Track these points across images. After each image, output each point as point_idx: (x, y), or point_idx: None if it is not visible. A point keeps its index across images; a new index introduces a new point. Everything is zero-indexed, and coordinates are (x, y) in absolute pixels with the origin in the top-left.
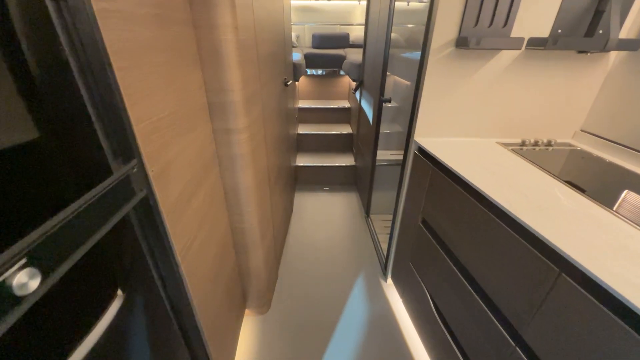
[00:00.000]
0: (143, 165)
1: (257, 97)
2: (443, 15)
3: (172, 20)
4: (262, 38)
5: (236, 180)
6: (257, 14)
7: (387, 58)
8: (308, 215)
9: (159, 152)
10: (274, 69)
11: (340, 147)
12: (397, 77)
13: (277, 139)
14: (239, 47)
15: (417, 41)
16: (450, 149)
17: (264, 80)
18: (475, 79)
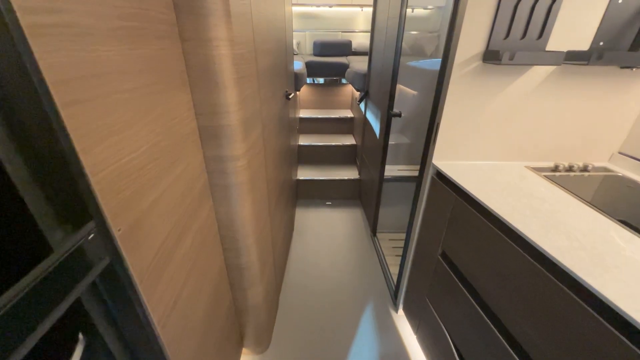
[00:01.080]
0: (105, 225)
1: (257, 117)
2: (469, 26)
3: (153, 34)
4: (262, 50)
5: (232, 212)
6: (256, 24)
7: (397, 69)
8: (310, 234)
9: (130, 202)
10: (275, 83)
11: (343, 159)
12: (405, 87)
13: (278, 158)
14: (235, 62)
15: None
16: (475, 175)
17: (264, 96)
18: (503, 96)
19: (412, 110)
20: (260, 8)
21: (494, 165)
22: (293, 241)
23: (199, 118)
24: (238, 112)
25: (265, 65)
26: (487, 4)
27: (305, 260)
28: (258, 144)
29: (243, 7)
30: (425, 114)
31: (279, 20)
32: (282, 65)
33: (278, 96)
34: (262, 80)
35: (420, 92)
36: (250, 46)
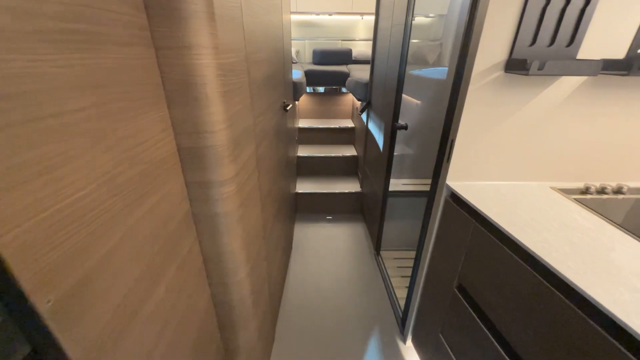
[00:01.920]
0: (24, 298)
1: (249, 134)
2: (490, 32)
3: (114, 40)
4: (256, 59)
5: (219, 245)
6: (249, 30)
7: (403, 79)
8: (310, 252)
9: (69, 260)
10: (271, 94)
11: (344, 171)
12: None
13: (275, 173)
14: (221, 73)
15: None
16: (497, 199)
17: (259, 110)
18: (527, 110)
19: (416, 121)
20: (254, 14)
21: (516, 186)
22: (291, 260)
23: (179, 139)
24: (225, 131)
25: (259, 76)
26: (510, 8)
27: (304, 282)
28: (250, 164)
29: (232, 11)
30: (431, 125)
31: (276, 27)
32: (279, 75)
33: (275, 108)
34: (255, 92)
35: (424, 102)
36: (241, 55)
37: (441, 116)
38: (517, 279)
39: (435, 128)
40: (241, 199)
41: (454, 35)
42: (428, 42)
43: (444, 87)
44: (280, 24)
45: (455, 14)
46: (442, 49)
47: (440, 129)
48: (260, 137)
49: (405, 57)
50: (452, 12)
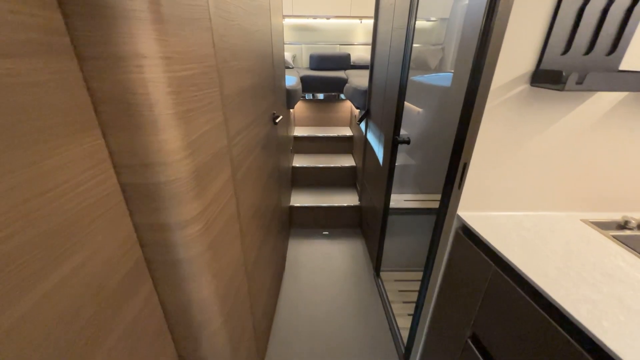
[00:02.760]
0: None
1: (223, 159)
2: (513, 38)
3: (5, 49)
4: (234, 68)
5: (184, 294)
6: (222, 34)
7: (405, 87)
8: (304, 273)
9: None
10: (258, 106)
11: (341, 183)
12: (409, 104)
13: (264, 191)
14: (176, 90)
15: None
16: (519, 235)
17: (239, 126)
18: (556, 129)
19: (418, 131)
20: (229, 15)
21: (542, 218)
22: (284, 281)
23: (121, 174)
24: (185, 161)
25: (239, 88)
26: (539, 8)
27: (297, 307)
28: (225, 193)
29: (192, 11)
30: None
31: (264, 31)
32: (268, 83)
33: (263, 120)
34: (234, 107)
35: (427, 110)
36: (209, 65)
37: (447, 127)
38: (550, 345)
39: (440, 139)
40: (210, 239)
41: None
42: (429, 46)
43: (448, 95)
44: (269, 27)
45: (458, 17)
46: (445, 54)
47: (446, 140)
48: (242, 156)
49: (407, 64)
50: (454, 15)
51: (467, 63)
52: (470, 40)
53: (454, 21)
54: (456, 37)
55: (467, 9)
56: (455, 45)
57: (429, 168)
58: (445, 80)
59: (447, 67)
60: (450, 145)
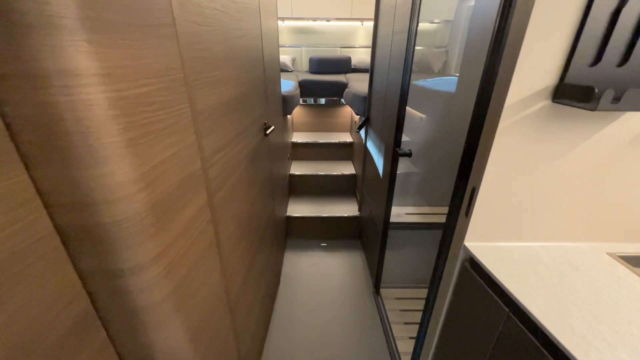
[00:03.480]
0: None
1: (195, 184)
2: (533, 45)
3: None
4: (211, 79)
5: (147, 346)
6: (194, 42)
7: (406, 95)
8: (299, 289)
9: None
10: (244, 118)
11: (341, 191)
12: (412, 109)
13: (253, 207)
14: (124, 111)
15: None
16: (536, 272)
17: (217, 144)
18: (580, 152)
19: (420, 138)
20: (202, 19)
21: (563, 250)
22: (278, 299)
23: (57, 214)
24: (138, 195)
25: (219, 101)
26: (566, 11)
27: (290, 335)
28: (198, 223)
29: (146, 16)
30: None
31: (252, 36)
32: (257, 92)
33: (251, 133)
34: (210, 124)
35: (430, 117)
36: (174, 78)
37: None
38: None
39: (445, 149)
40: (177, 279)
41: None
42: (433, 49)
43: (453, 102)
44: (259, 31)
45: (463, 19)
46: (449, 57)
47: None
48: (224, 175)
49: (409, 69)
50: (459, 17)
51: (472, 67)
52: (477, 43)
53: (459, 23)
54: (461, 40)
55: (473, 10)
56: (460, 48)
57: (433, 179)
58: (449, 85)
59: (452, 70)
60: (455, 156)
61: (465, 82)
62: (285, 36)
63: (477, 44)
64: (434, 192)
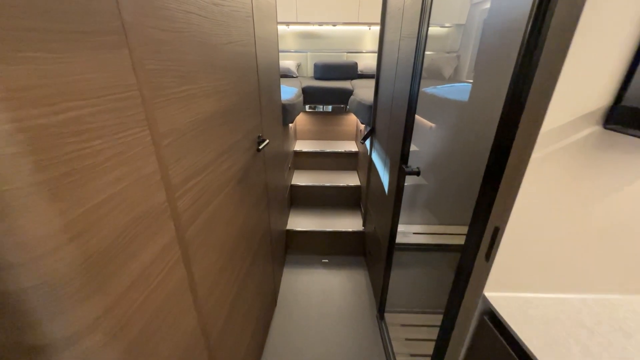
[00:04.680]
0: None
1: (158, 220)
2: (579, 58)
3: None
4: (183, 94)
5: None
6: (159, 51)
7: (414, 107)
8: (297, 311)
9: None
10: (228, 135)
11: (345, 203)
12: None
13: (242, 228)
14: (37, 146)
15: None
16: (577, 339)
17: (191, 169)
18: (636, 190)
19: (429, 149)
20: (177, 26)
21: (607, 305)
22: (273, 321)
23: None
24: (66, 249)
25: (194, 118)
26: (623, 16)
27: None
28: (161, 264)
29: (76, 21)
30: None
31: (243, 43)
32: (249, 103)
33: (240, 149)
34: (181, 146)
35: (441, 126)
36: (124, 97)
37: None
38: None
39: (457, 164)
40: (129, 340)
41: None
42: (443, 54)
43: (466, 112)
44: (251, 37)
45: (475, 22)
46: (460, 62)
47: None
48: (201, 202)
49: (418, 77)
50: (471, 20)
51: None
52: (493, 47)
53: (471, 27)
54: (473, 44)
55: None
56: (472, 53)
57: (444, 195)
58: (461, 93)
59: (463, 76)
60: (469, 172)
61: (480, 91)
62: (290, 41)
63: (493, 48)
64: (444, 209)
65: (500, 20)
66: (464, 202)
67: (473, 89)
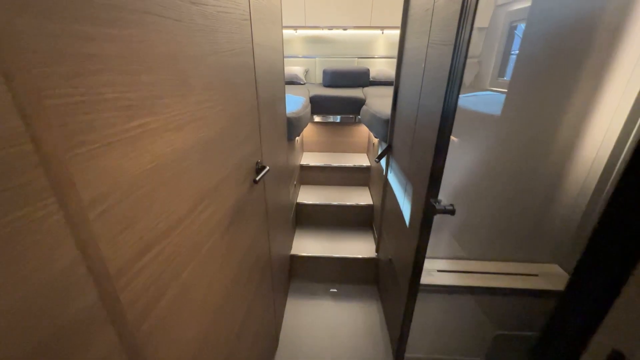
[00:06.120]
0: None
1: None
2: None
3: None
4: (123, 137)
5: None
6: (71, 75)
7: (449, 129)
8: (300, 353)
9: None
10: (208, 175)
11: (356, 223)
12: None
13: (234, 279)
14: None
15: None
16: None
17: (146, 238)
18: None
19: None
20: (116, 30)
21: None
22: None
23: None
24: None
25: (152, 165)
26: None
27: None
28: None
29: None
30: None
31: (235, 52)
32: (243, 125)
33: (230, 185)
34: (129, 208)
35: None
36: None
37: (501, 175)
38: None
39: (491, 189)
40: None
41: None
42: None
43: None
44: (248, 43)
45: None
46: (482, 68)
47: (499, 193)
48: (169, 274)
49: (454, 94)
50: (495, 24)
51: (530, 87)
52: (543, 52)
53: (495, 31)
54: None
55: (529, 12)
56: (496, 59)
57: (473, 225)
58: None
59: (486, 84)
60: (507, 200)
61: (519, 105)
62: (297, 46)
63: (544, 53)
64: (475, 242)
65: (555, 20)
66: (499, 234)
67: (508, 102)
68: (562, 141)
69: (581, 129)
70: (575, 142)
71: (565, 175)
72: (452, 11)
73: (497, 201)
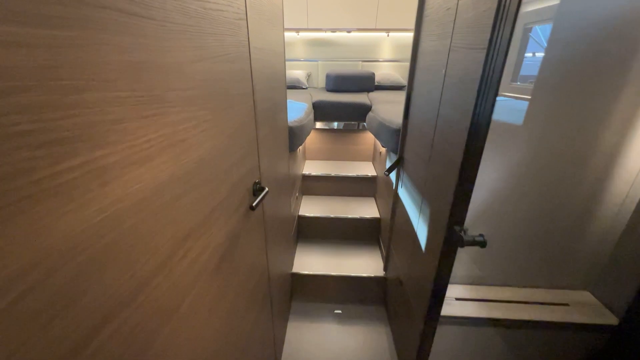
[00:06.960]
0: None
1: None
2: None
3: None
4: (84, 170)
5: None
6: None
7: (479, 148)
8: None
9: None
10: (197, 206)
11: (361, 238)
12: None
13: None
14: None
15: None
16: None
17: (116, 296)
18: None
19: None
20: (47, 30)
21: None
22: None
23: None
24: None
25: (114, 211)
26: None
27: None
28: None
29: None
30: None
31: (228, 57)
32: (238, 143)
33: (223, 214)
34: (75, 277)
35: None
36: None
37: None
38: None
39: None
40: None
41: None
42: None
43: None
44: (245, 47)
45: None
46: None
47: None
48: (141, 340)
49: (488, 106)
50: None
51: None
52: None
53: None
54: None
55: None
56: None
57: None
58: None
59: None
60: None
61: (546, 113)
62: (299, 49)
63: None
64: (497, 265)
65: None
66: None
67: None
68: (600, 153)
69: (624, 140)
70: (616, 153)
71: (603, 190)
72: (483, 10)
73: (521, 220)
